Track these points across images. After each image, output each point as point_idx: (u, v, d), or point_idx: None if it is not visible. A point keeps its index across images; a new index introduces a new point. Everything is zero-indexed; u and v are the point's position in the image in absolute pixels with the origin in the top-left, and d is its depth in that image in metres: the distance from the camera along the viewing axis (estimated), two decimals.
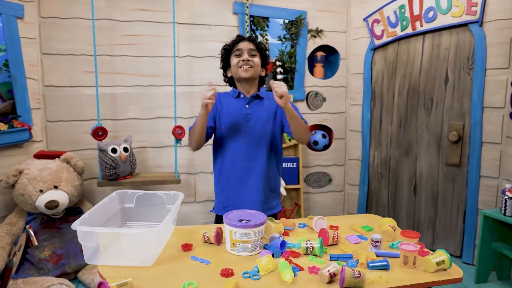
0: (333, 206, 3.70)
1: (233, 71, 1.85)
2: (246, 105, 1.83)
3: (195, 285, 1.15)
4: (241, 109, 1.83)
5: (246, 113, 1.82)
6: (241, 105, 1.83)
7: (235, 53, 1.83)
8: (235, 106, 1.84)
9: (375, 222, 1.72)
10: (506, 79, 2.67)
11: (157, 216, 1.55)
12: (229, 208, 1.70)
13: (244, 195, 1.84)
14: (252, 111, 1.82)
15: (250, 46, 1.81)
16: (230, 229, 1.36)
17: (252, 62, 1.79)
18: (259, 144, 1.83)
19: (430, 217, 3.16)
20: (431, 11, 2.96)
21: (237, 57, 1.81)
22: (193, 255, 1.36)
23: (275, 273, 1.25)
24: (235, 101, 1.85)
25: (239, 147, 1.82)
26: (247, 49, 1.80)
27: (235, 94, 1.87)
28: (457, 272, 1.28)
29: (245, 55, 1.79)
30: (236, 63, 1.80)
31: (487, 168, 2.79)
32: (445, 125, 3.01)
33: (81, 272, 2.64)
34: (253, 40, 1.84)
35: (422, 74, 3.12)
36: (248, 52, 1.80)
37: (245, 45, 1.81)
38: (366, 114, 3.50)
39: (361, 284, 1.14)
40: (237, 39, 1.85)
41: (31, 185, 2.56)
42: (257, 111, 1.83)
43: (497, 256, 2.66)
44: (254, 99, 1.85)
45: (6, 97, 2.90)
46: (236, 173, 1.84)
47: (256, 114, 1.82)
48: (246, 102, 1.83)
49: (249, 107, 1.83)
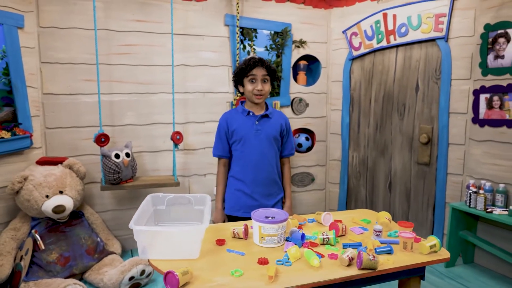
0: (316, 203, 4.00)
1: (247, 94, 2.07)
2: (256, 122, 2.06)
3: (241, 272, 1.37)
4: (252, 125, 2.06)
5: (256, 129, 2.05)
6: (251, 122, 2.07)
7: (250, 77, 2.04)
8: (246, 123, 2.07)
9: (371, 215, 2.01)
10: (468, 88, 3.06)
11: (186, 216, 1.75)
12: (234, 209, 2.09)
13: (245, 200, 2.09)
14: (261, 127, 2.06)
15: (263, 72, 2.02)
16: (259, 225, 1.59)
17: (264, 90, 2.03)
18: (267, 154, 2.07)
19: (403, 210, 3.53)
20: (403, 27, 3.31)
21: (251, 84, 2.03)
22: (228, 248, 1.57)
23: (302, 260, 1.49)
24: (246, 118, 2.08)
25: (249, 157, 2.05)
26: (261, 75, 2.02)
27: (245, 113, 2.09)
28: (445, 253, 1.59)
29: (259, 84, 2.02)
30: (251, 90, 2.03)
31: (453, 166, 3.18)
32: (416, 128, 3.38)
33: (88, 273, 2.75)
34: (265, 65, 2.04)
35: (396, 82, 3.47)
36: (262, 79, 2.02)
37: (259, 71, 2.02)
38: (345, 118, 3.83)
39: (376, 265, 1.41)
40: (252, 63, 2.03)
41: (36, 190, 2.65)
42: (265, 127, 2.08)
43: (463, 243, 3.05)
44: (262, 118, 2.09)
45: (0, 104, 2.95)
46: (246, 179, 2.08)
47: (265, 130, 2.06)
48: (256, 119, 2.07)
49: (258, 124, 2.06)
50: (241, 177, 2.09)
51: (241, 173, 2.08)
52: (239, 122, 2.08)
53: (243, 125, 2.07)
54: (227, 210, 2.18)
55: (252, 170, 2.06)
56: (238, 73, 2.09)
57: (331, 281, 1.36)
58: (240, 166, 2.07)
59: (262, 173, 2.07)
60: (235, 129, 2.08)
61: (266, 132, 2.06)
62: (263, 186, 2.07)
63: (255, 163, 2.06)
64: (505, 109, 2.81)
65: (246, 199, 2.08)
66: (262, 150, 2.06)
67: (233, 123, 2.09)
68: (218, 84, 3.46)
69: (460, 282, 2.82)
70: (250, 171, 2.06)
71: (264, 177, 2.07)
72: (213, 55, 3.41)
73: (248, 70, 2.04)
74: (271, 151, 2.09)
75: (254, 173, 2.06)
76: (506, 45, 2.78)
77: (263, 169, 2.07)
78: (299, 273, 1.39)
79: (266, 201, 2.07)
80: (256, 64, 2.03)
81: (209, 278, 1.33)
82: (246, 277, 1.34)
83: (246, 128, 2.06)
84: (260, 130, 2.05)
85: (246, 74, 2.04)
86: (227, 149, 2.14)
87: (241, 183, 2.09)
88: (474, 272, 2.97)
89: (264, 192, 2.08)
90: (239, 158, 2.09)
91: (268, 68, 2.03)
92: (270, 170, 2.09)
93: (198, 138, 3.45)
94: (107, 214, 3.24)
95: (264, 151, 2.06)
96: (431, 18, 3.15)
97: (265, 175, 2.07)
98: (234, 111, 2.15)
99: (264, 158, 2.06)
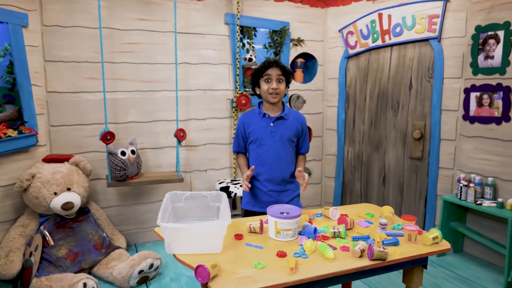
0: (312, 197, 4.14)
1: (263, 95, 2.15)
2: (271, 124, 2.15)
3: (263, 265, 1.47)
4: (267, 127, 2.15)
5: (271, 130, 2.14)
6: (266, 124, 2.15)
7: (265, 78, 2.11)
8: (261, 124, 2.16)
9: (375, 209, 2.14)
10: (459, 86, 3.21)
11: (202, 212, 1.84)
12: (250, 204, 2.20)
13: (262, 195, 2.19)
14: (276, 129, 2.15)
15: (278, 72, 2.09)
16: (275, 220, 1.70)
17: (279, 89, 2.10)
18: (281, 154, 2.16)
19: (397, 203, 3.70)
20: (398, 27, 3.44)
21: (266, 83, 2.11)
22: (246, 243, 1.68)
23: (316, 252, 1.60)
24: (262, 120, 2.16)
25: (265, 158, 2.15)
26: (276, 75, 2.09)
27: (261, 115, 2.18)
28: (446, 244, 1.72)
29: (274, 84, 2.09)
30: (266, 90, 2.11)
31: (444, 161, 3.34)
32: (409, 124, 3.53)
33: (96, 267, 2.82)
34: (280, 66, 2.11)
35: (390, 80, 3.61)
36: (277, 79, 2.10)
37: (274, 71, 2.09)
38: (341, 114, 3.95)
39: (386, 255, 1.54)
40: (267, 64, 2.10)
41: (45, 188, 2.70)
42: (280, 129, 2.16)
43: (454, 233, 3.23)
44: (277, 120, 2.17)
45: (1, 101, 2.97)
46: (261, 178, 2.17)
47: (280, 132, 2.15)
48: (271, 121, 2.15)
49: (273, 126, 2.15)
50: (257, 176, 2.18)
51: (257, 172, 2.17)
52: (255, 124, 2.17)
53: (258, 127, 2.16)
54: (244, 205, 2.28)
55: (267, 170, 2.15)
56: (254, 74, 2.16)
57: (346, 271, 1.48)
58: (256, 166, 2.16)
59: (277, 173, 2.16)
60: (251, 130, 2.16)
61: (280, 134, 2.15)
62: (278, 185, 2.16)
63: (270, 164, 2.15)
64: (494, 107, 2.97)
65: (262, 195, 2.17)
66: (276, 151, 2.14)
67: (249, 124, 2.18)
68: (218, 81, 3.54)
69: (451, 270, 3.00)
70: (265, 171, 2.15)
71: (278, 176, 2.17)
72: (214, 53, 3.48)
73: (263, 71, 2.11)
74: (286, 152, 2.17)
75: (269, 173, 2.15)
76: (495, 46, 2.93)
77: (278, 168, 2.16)
78: (315, 264, 1.50)
79: (282, 197, 2.17)
80: (271, 65, 2.10)
81: (234, 271, 1.43)
82: (268, 269, 1.45)
83: (261, 129, 2.15)
84: (274, 132, 2.14)
85: (262, 75, 2.12)
86: (243, 147, 2.25)
87: (257, 181, 2.19)
88: (464, 260, 3.15)
89: (279, 189, 2.17)
90: (255, 158, 2.18)
91: (282, 69, 2.11)
92: (285, 170, 2.18)
93: (199, 135, 3.53)
94: (111, 210, 3.30)
95: (279, 152, 2.15)
96: (425, 19, 3.29)
97: (279, 174, 2.17)
98: (252, 112, 2.23)
99: (279, 158, 2.15)
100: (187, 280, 2.81)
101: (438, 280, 2.83)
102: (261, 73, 2.11)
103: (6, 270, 2.58)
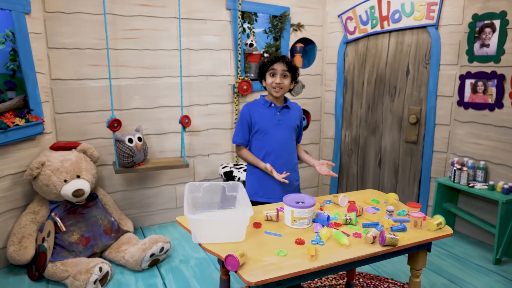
0: (309, 179, 4.28)
1: (267, 87, 2.22)
2: (277, 113, 2.23)
3: (285, 252, 1.59)
4: (274, 116, 2.23)
5: (278, 119, 2.22)
6: (273, 113, 2.23)
7: (270, 71, 2.18)
8: (268, 114, 2.23)
9: (380, 196, 2.27)
10: (455, 73, 3.32)
11: (220, 201, 1.94)
12: (257, 195, 2.28)
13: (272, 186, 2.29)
14: (282, 117, 2.23)
15: (283, 67, 2.16)
16: (292, 209, 1.80)
17: (283, 84, 2.18)
18: (287, 142, 2.26)
19: (392, 184, 3.86)
20: (397, 13, 3.50)
21: (271, 77, 2.18)
22: (265, 231, 1.78)
23: (331, 239, 1.73)
24: (268, 109, 2.24)
25: (272, 146, 2.23)
26: (281, 70, 2.16)
27: (267, 104, 2.25)
28: (448, 230, 1.87)
29: (278, 78, 2.16)
30: (270, 83, 2.18)
31: (439, 145, 3.49)
32: (405, 109, 3.65)
33: (107, 251, 2.92)
34: (286, 61, 2.17)
35: (388, 66, 3.70)
36: (281, 73, 2.16)
37: (279, 66, 2.16)
38: (339, 99, 4.05)
39: (396, 242, 1.67)
40: (274, 58, 2.17)
41: (55, 175, 2.75)
42: (286, 118, 2.25)
43: (446, 213, 3.41)
44: (283, 108, 2.25)
45: (3, 88, 2.96)
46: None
47: (286, 121, 2.24)
48: (277, 110, 2.23)
49: (280, 114, 2.23)
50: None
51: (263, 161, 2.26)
52: (261, 113, 2.24)
53: (264, 116, 2.23)
54: (251, 196, 2.36)
55: (273, 158, 2.24)
56: (261, 67, 2.23)
57: (361, 257, 1.61)
58: (261, 155, 2.25)
59: (281, 159, 2.26)
60: (257, 120, 2.24)
61: (287, 122, 2.24)
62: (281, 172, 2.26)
63: (276, 152, 2.24)
64: (488, 94, 3.10)
65: (269, 184, 2.27)
66: (282, 139, 2.24)
67: (255, 114, 2.25)
68: (220, 67, 3.57)
69: (444, 248, 3.19)
70: (271, 159, 2.24)
71: (282, 162, 2.27)
72: (216, 39, 3.50)
73: (270, 65, 2.18)
74: (291, 140, 2.29)
75: (274, 161, 2.25)
76: (491, 34, 3.03)
77: (282, 156, 2.26)
78: (332, 251, 1.62)
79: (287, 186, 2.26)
80: (277, 60, 2.17)
81: (259, 258, 1.54)
82: (290, 256, 1.57)
83: (268, 118, 2.22)
84: (281, 120, 2.23)
85: (268, 69, 2.19)
86: (247, 138, 2.29)
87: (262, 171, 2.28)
88: (455, 239, 3.35)
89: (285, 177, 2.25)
90: (261, 147, 2.26)
91: (288, 64, 2.17)
92: (289, 157, 2.29)
93: (202, 120, 3.59)
94: (117, 195, 3.37)
95: (285, 140, 2.25)
96: (423, 6, 3.35)
97: (283, 161, 2.27)
98: (256, 102, 2.30)
99: (284, 146, 2.25)
100: (196, 261, 2.94)
101: (431, 257, 3.02)
102: (267, 67, 2.18)
103: (20, 255, 2.65)
